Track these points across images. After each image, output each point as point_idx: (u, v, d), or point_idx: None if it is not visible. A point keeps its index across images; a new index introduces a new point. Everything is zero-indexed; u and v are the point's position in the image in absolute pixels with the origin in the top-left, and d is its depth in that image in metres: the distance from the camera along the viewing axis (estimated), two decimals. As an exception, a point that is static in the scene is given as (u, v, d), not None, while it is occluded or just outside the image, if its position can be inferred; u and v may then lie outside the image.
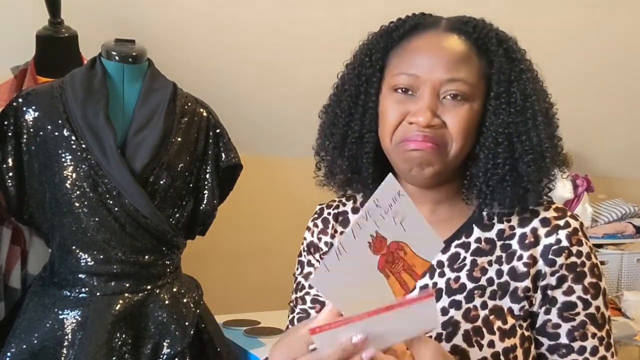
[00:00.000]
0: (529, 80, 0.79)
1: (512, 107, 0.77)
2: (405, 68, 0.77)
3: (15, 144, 1.32)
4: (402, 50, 0.80)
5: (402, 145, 0.77)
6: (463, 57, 0.77)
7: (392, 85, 0.78)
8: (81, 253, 1.32)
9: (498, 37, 0.80)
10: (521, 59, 0.80)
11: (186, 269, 1.52)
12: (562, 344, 0.76)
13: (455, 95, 0.75)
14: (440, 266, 0.80)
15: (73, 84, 1.34)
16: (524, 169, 0.76)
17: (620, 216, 2.75)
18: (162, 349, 1.33)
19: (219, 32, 1.93)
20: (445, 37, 0.78)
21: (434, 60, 0.76)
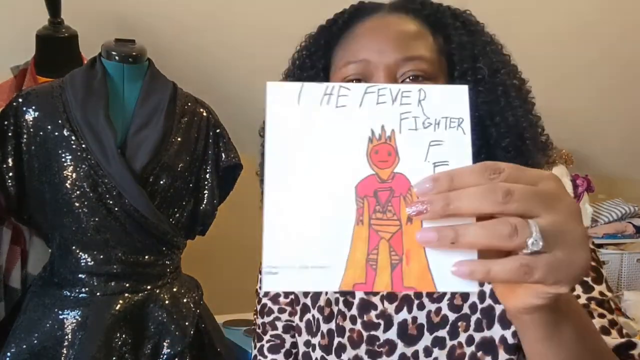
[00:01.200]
0: (494, 53, 0.70)
1: (480, 86, 0.68)
2: (352, 56, 0.68)
3: (15, 144, 1.32)
4: (345, 41, 0.71)
5: None
6: (416, 34, 0.68)
7: (340, 78, 0.69)
8: (81, 253, 1.32)
9: (451, 10, 0.72)
10: (481, 31, 0.72)
11: (186, 269, 1.52)
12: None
13: (416, 76, 0.66)
14: (418, 297, 0.70)
15: (73, 84, 1.34)
16: (503, 155, 0.67)
17: (621, 216, 2.75)
18: (162, 349, 1.33)
19: (220, 32, 1.93)
20: (391, 17, 0.70)
21: (382, 41, 0.67)
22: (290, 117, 0.47)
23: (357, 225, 0.45)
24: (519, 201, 0.40)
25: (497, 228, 0.40)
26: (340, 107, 0.47)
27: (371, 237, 0.45)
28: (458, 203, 0.41)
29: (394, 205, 0.45)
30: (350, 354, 0.72)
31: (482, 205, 0.41)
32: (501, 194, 0.40)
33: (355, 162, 0.46)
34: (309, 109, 0.47)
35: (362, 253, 0.44)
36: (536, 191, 0.42)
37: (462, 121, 0.47)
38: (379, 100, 0.47)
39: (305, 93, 0.47)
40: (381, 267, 0.44)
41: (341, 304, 0.75)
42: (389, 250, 0.44)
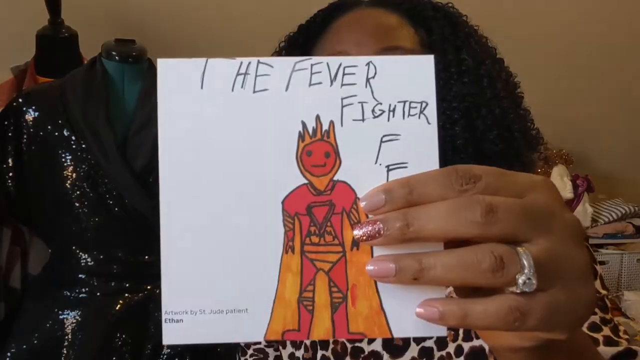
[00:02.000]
0: (478, 45, 0.68)
1: (465, 77, 0.64)
2: (330, 49, 0.65)
3: (15, 144, 1.32)
4: (323, 38, 0.69)
5: None
6: (396, 26, 0.66)
7: None
8: (81, 253, 1.32)
9: (432, 3, 0.71)
10: (463, 23, 0.70)
11: (186, 269, 1.51)
12: None
13: None
14: None
15: (73, 84, 1.34)
16: (490, 148, 0.63)
17: (621, 216, 2.75)
18: (162, 349, 1.33)
19: (220, 32, 1.93)
20: (370, 11, 0.68)
21: (362, 33, 0.64)
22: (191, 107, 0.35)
23: (286, 253, 0.34)
24: (504, 221, 0.31)
25: (475, 259, 0.30)
26: (259, 92, 0.35)
27: (305, 268, 0.34)
28: (421, 224, 0.31)
29: (335, 225, 0.34)
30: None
31: (455, 228, 0.31)
32: (480, 211, 0.30)
33: (281, 168, 0.34)
34: (216, 94, 0.35)
35: (294, 290, 0.34)
36: (525, 206, 0.32)
37: (425, 106, 0.35)
38: (312, 81, 0.35)
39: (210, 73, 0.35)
40: (319, 308, 0.34)
41: None
42: (328, 286, 0.34)
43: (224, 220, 0.34)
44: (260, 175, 0.34)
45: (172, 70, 0.35)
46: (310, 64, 0.35)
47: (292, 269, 0.34)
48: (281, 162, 0.34)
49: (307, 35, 0.72)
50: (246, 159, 0.34)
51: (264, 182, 0.34)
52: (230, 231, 0.34)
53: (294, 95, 0.35)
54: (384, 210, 0.32)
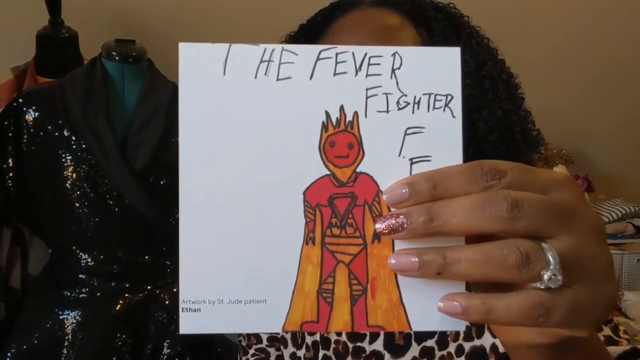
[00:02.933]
0: (479, 46, 0.67)
1: (466, 79, 0.63)
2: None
3: (16, 144, 1.32)
4: (324, 38, 0.68)
5: None
6: (397, 26, 0.64)
7: None
8: (81, 253, 1.32)
9: (433, 4, 0.69)
10: (465, 24, 0.69)
11: (186, 269, 1.51)
12: None
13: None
14: None
15: (73, 84, 1.34)
16: (492, 150, 0.62)
17: (621, 216, 2.75)
18: (162, 349, 1.33)
19: (220, 32, 1.93)
20: (372, 11, 0.67)
21: (363, 34, 0.63)
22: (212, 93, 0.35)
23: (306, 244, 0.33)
24: (529, 217, 0.31)
25: (501, 255, 0.30)
26: (283, 80, 0.34)
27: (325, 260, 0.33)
28: (445, 218, 0.31)
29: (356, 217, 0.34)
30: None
31: (480, 222, 0.31)
32: (506, 206, 0.30)
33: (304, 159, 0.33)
34: (239, 82, 0.34)
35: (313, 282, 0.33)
36: (550, 203, 0.32)
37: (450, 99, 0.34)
38: (337, 70, 0.34)
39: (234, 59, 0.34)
40: (338, 301, 0.33)
41: None
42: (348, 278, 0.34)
43: (244, 209, 0.33)
44: (282, 164, 0.33)
45: (194, 55, 0.35)
46: (335, 53, 0.34)
47: (312, 261, 0.33)
48: (304, 152, 0.33)
49: (308, 34, 0.71)
50: (268, 147, 0.33)
51: (285, 171, 0.33)
52: (250, 221, 0.33)
53: (318, 85, 0.34)
54: (407, 204, 0.32)
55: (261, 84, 0.34)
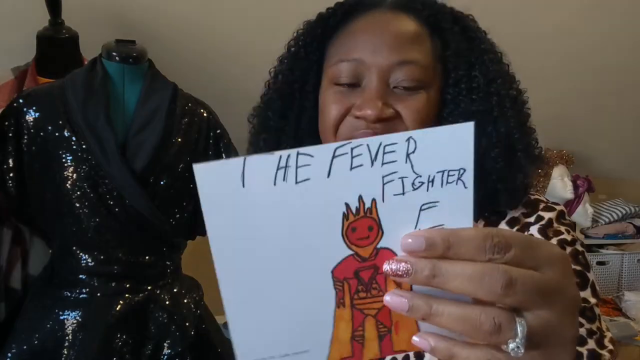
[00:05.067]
0: (492, 62, 0.67)
1: (474, 94, 0.65)
2: (345, 54, 0.65)
3: (16, 144, 1.32)
4: (341, 36, 0.68)
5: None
6: (414, 36, 0.65)
7: (332, 77, 0.66)
8: (81, 253, 1.32)
9: (453, 14, 0.69)
10: (481, 38, 0.69)
11: (186, 270, 1.51)
12: None
13: (409, 85, 0.63)
14: None
15: (74, 85, 1.34)
16: (491, 165, 0.64)
17: (621, 216, 2.75)
18: (162, 349, 1.33)
19: (220, 33, 1.93)
20: (392, 15, 0.66)
21: (378, 40, 0.63)
22: (235, 204, 0.36)
23: (338, 308, 0.38)
24: (518, 294, 0.34)
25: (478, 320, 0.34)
26: (302, 182, 0.36)
27: (355, 316, 0.38)
28: (446, 278, 0.35)
29: (379, 282, 0.38)
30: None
31: (475, 290, 0.34)
32: (501, 283, 0.34)
33: (329, 245, 0.37)
34: (260, 191, 0.36)
35: (346, 332, 0.38)
36: (539, 283, 0.35)
37: (463, 172, 0.36)
38: (353, 164, 0.36)
39: (250, 171, 0.35)
40: (368, 341, 0.39)
41: None
42: (376, 325, 0.39)
43: (281, 288, 0.38)
44: (311, 251, 0.37)
45: (210, 175, 0.36)
46: (350, 148, 0.36)
47: (345, 318, 0.39)
48: (328, 240, 0.37)
49: (325, 27, 0.70)
50: (294, 240, 0.37)
51: (314, 257, 0.37)
52: (288, 295, 0.38)
53: (336, 181, 0.36)
54: (420, 255, 0.35)
55: (281, 190, 0.36)
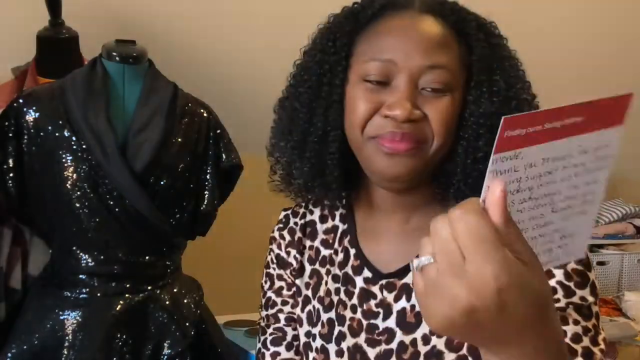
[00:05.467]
0: (512, 68, 0.71)
1: (494, 97, 0.68)
2: (378, 53, 0.67)
3: (16, 144, 1.32)
4: (371, 34, 0.70)
5: (375, 143, 0.67)
6: (443, 41, 0.67)
7: (361, 74, 0.68)
8: (82, 254, 1.32)
9: (477, 20, 0.71)
10: (502, 45, 0.72)
11: (187, 270, 1.51)
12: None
13: (437, 88, 0.66)
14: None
15: (74, 85, 1.34)
16: None
17: (621, 216, 2.75)
18: (162, 349, 1.33)
19: (220, 33, 1.93)
20: (422, 18, 0.68)
21: (410, 43, 0.66)
22: None
23: None
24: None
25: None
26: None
27: None
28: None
29: None
30: (350, 342, 0.74)
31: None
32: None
33: None
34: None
35: None
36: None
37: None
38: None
39: None
40: None
41: (342, 294, 0.76)
42: None
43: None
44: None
45: None
46: None
47: None
48: None
49: (356, 23, 0.72)
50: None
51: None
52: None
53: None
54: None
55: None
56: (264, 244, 0.91)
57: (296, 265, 0.82)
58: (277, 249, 0.85)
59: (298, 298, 0.81)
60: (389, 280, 0.73)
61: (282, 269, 0.84)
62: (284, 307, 0.83)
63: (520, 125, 0.42)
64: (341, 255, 0.78)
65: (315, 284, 0.80)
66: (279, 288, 0.84)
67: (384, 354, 0.71)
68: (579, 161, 0.46)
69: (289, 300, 0.83)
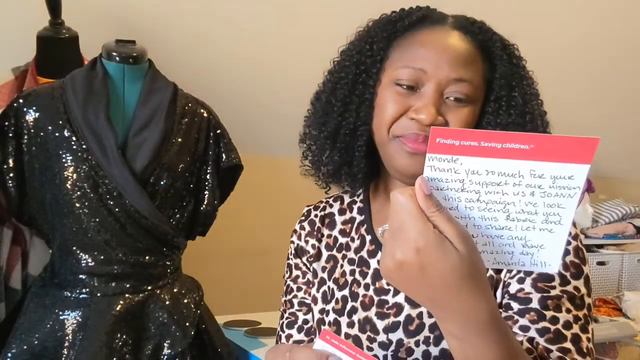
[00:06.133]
0: (529, 86, 0.79)
1: (512, 110, 0.77)
2: (411, 61, 0.75)
3: (16, 144, 1.32)
4: (406, 42, 0.77)
5: (399, 142, 0.75)
6: (470, 57, 0.75)
7: (394, 78, 0.76)
8: (82, 254, 1.32)
9: (502, 41, 0.79)
10: (522, 65, 0.80)
11: (187, 270, 1.52)
12: (532, 308, 0.72)
13: (460, 98, 0.74)
14: None
15: (74, 85, 1.34)
16: None
17: (621, 216, 2.75)
18: (162, 349, 1.33)
19: (220, 33, 1.93)
20: (453, 34, 0.76)
21: (441, 56, 0.74)
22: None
23: None
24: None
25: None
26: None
27: None
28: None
29: None
30: (360, 315, 0.81)
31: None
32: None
33: None
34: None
35: None
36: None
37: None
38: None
39: None
40: None
41: (357, 274, 0.84)
42: None
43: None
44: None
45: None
46: None
47: None
48: None
49: (393, 31, 0.79)
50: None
51: None
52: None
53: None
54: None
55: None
56: (264, 244, 0.93)
57: (313, 252, 0.90)
58: (297, 239, 0.93)
59: (314, 280, 0.89)
60: None
61: (299, 258, 0.92)
62: (298, 293, 0.91)
63: (451, 136, 0.52)
64: (357, 241, 0.86)
65: (331, 267, 0.87)
66: (295, 277, 0.92)
67: (392, 325, 0.79)
68: (534, 183, 0.54)
69: (302, 287, 0.91)
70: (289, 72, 2.06)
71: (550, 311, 0.71)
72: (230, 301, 1.94)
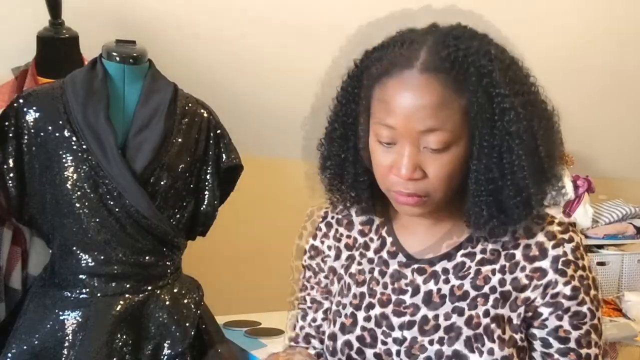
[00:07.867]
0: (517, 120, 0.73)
1: (495, 151, 0.73)
2: (383, 118, 0.74)
3: (16, 144, 1.33)
4: (381, 93, 0.75)
5: (392, 194, 0.77)
6: (440, 102, 0.71)
7: (375, 133, 0.76)
8: (82, 254, 1.32)
9: (479, 70, 0.72)
10: (505, 94, 0.72)
11: (187, 270, 1.51)
12: (572, 349, 0.79)
13: (437, 147, 0.72)
14: (445, 273, 0.82)
15: (74, 85, 1.34)
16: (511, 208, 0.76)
17: (621, 217, 2.75)
18: (162, 349, 1.33)
19: (220, 33, 1.93)
20: (421, 80, 0.72)
21: (409, 110, 0.72)
22: None
23: None
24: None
25: None
26: None
27: None
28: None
29: None
30: (377, 311, 0.84)
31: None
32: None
33: None
34: None
35: None
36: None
37: None
38: None
39: None
40: None
41: (376, 272, 0.87)
42: None
43: None
44: None
45: None
46: None
47: None
48: None
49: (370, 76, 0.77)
50: None
51: None
52: None
53: None
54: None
55: None
56: (264, 244, 0.93)
57: (330, 252, 0.93)
58: (312, 240, 0.95)
59: (333, 277, 0.92)
60: (420, 265, 0.84)
61: (313, 259, 0.95)
62: (311, 292, 0.95)
63: None
64: (377, 242, 0.89)
65: (349, 264, 0.90)
66: (309, 276, 0.95)
67: (408, 324, 0.81)
68: None
69: (314, 286, 0.94)
70: (289, 72, 2.06)
71: (584, 349, 0.79)
72: (230, 301, 1.94)
